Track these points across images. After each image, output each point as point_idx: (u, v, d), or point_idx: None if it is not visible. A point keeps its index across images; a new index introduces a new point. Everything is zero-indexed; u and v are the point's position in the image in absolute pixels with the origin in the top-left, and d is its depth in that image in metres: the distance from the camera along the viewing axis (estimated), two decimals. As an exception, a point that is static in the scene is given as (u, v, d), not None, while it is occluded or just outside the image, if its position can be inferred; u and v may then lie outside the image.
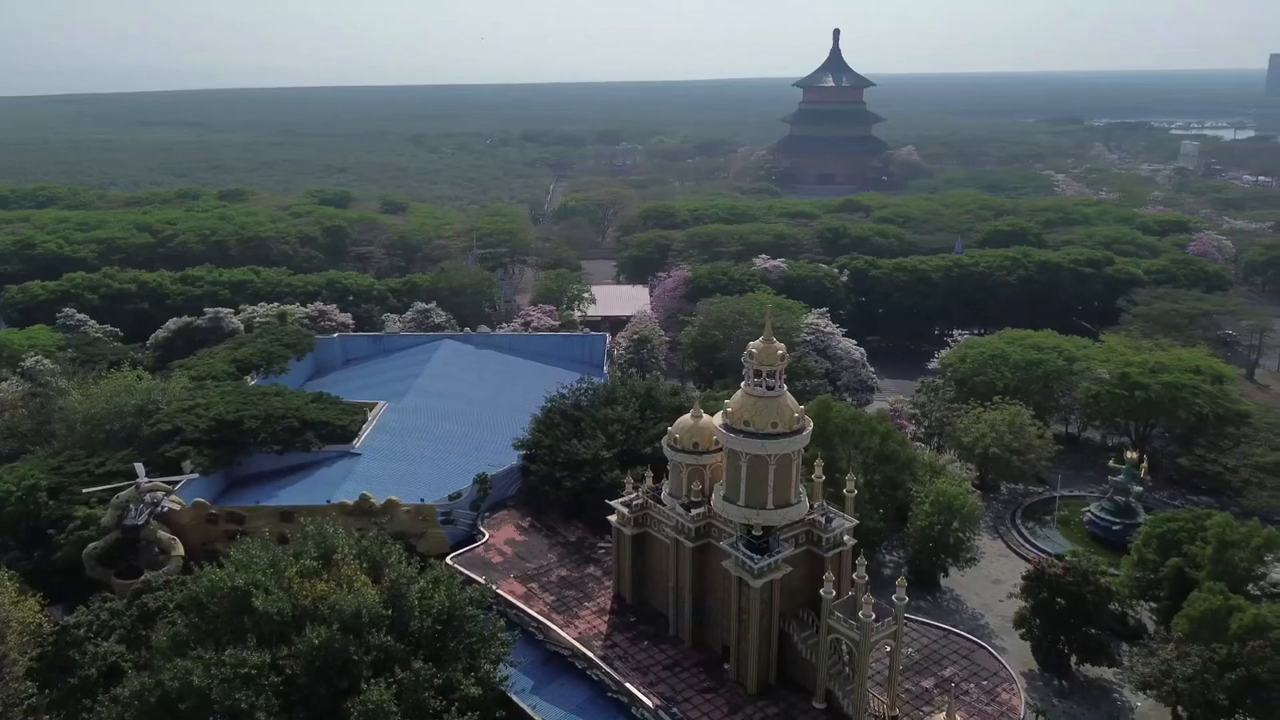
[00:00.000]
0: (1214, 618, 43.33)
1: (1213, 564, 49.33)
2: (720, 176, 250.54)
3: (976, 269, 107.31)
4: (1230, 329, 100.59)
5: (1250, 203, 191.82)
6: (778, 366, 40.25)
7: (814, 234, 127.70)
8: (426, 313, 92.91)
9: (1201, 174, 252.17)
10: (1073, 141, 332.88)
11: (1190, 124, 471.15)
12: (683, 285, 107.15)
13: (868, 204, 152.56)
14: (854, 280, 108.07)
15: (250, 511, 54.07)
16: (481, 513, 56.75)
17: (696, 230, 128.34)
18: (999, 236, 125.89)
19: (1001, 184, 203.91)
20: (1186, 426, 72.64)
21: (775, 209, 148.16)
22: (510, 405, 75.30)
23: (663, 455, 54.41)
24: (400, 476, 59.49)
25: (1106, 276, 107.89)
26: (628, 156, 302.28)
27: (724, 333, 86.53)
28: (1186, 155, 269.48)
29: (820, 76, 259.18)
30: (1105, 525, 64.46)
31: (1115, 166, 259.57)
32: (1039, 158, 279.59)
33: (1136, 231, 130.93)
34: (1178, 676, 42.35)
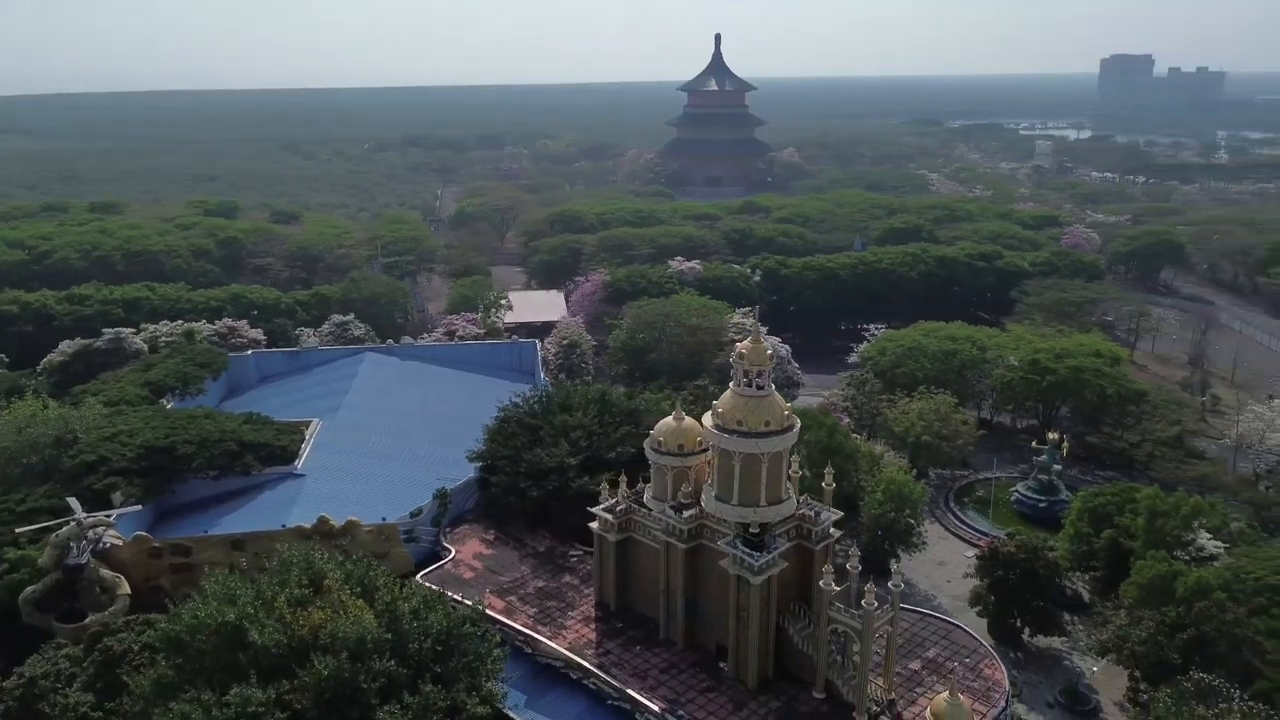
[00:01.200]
0: (1160, 583, 46.84)
1: (1145, 534, 53.25)
2: (610, 180, 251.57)
3: (880, 265, 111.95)
4: (1108, 314, 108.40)
5: (1104, 197, 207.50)
6: (767, 366, 41.08)
7: (721, 235, 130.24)
8: (345, 325, 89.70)
9: (1055, 171, 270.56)
10: (936, 142, 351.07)
11: (1035, 124, 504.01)
12: (601, 289, 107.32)
13: (766, 205, 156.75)
14: (766, 279, 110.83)
15: (197, 542, 51.01)
16: (443, 528, 55.45)
17: (606, 234, 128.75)
18: (894, 234, 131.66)
19: (881, 183, 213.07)
20: (1091, 406, 78.01)
21: (679, 211, 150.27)
22: (448, 417, 73.96)
23: (626, 460, 55.33)
24: (349, 496, 57.40)
25: (998, 269, 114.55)
26: (514, 161, 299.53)
27: (653, 335, 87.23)
28: (1041, 154, 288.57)
29: (704, 80, 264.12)
30: (1032, 504, 68.53)
31: (981, 165, 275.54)
32: (909, 158, 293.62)
33: (1016, 226, 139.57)
34: (1134, 640, 45.59)
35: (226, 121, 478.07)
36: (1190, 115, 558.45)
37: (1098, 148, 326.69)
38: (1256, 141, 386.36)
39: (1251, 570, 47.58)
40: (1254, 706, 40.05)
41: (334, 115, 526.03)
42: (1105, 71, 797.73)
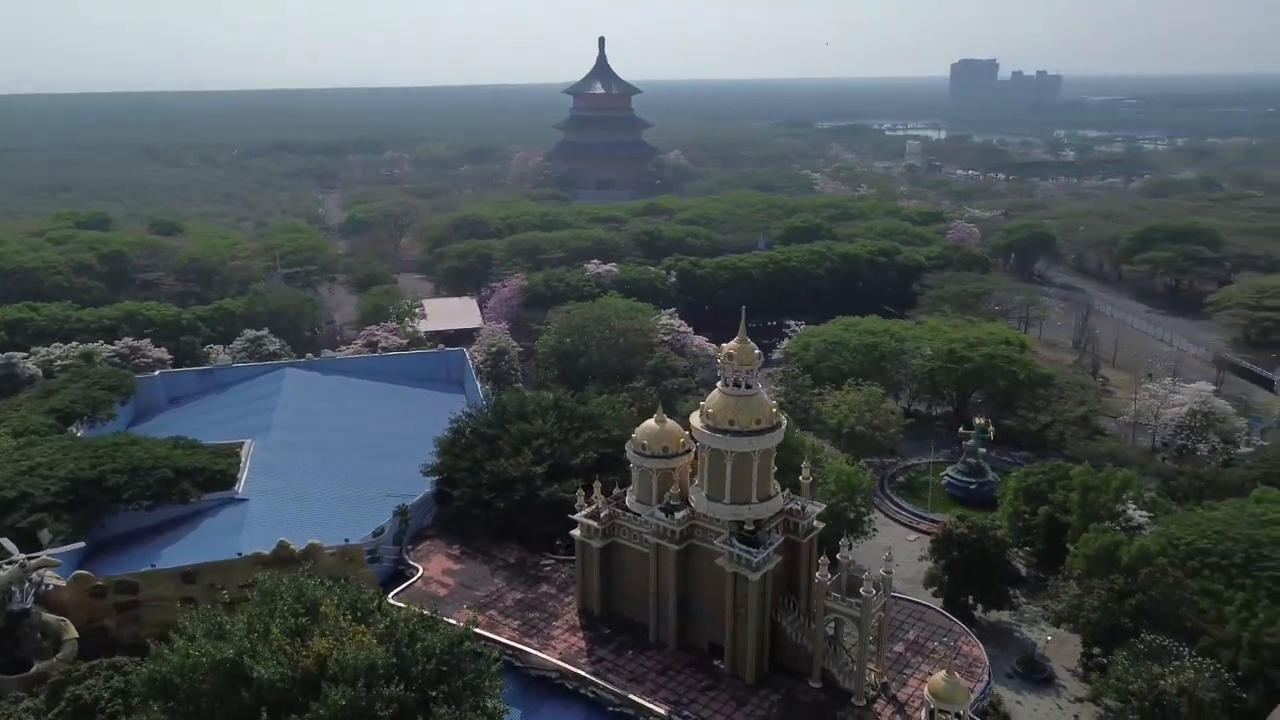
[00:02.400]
0: (1106, 553, 50.23)
1: (1080, 508, 57.03)
2: (499, 183, 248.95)
3: (789, 264, 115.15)
4: (1001, 304, 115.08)
5: (975, 194, 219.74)
6: (754, 366, 41.82)
7: (630, 237, 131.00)
8: (259, 341, 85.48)
9: (925, 170, 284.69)
10: (810, 143, 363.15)
11: (896, 125, 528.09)
12: (519, 294, 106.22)
13: (669, 207, 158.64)
14: (681, 280, 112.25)
15: (144, 578, 47.57)
16: (404, 546, 53.83)
17: (515, 238, 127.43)
18: (796, 233, 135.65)
19: (770, 184, 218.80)
20: (1003, 391, 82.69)
21: (584, 214, 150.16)
22: (385, 431, 71.91)
23: (591, 465, 55.20)
24: (298, 518, 54.97)
25: (897, 264, 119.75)
26: (395, 165, 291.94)
27: (582, 339, 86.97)
28: (911, 154, 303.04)
29: (589, 84, 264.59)
30: (963, 486, 72.12)
31: (858, 165, 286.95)
32: (788, 159, 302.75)
33: (905, 223, 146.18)
34: (1087, 609, 48.74)
35: (75, 127, 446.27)
36: (1032, 116, 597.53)
37: (959, 147, 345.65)
38: (1095, 140, 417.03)
39: (1181, 535, 51.63)
40: (1202, 661, 43.66)
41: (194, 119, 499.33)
42: (955, 75, 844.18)
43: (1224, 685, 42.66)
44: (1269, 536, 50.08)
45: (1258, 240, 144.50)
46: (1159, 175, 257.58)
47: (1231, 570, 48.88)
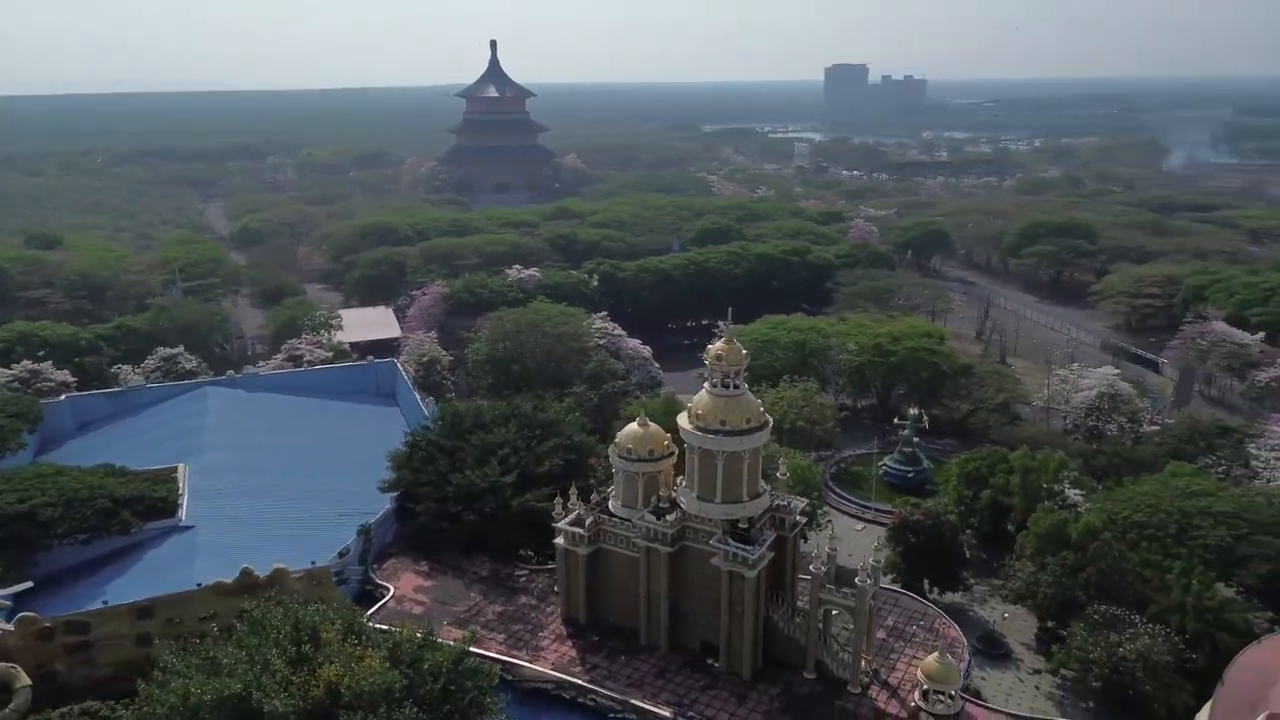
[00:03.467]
0: (1055, 531, 53.14)
1: (1021, 490, 60.15)
2: (393, 189, 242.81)
3: (708, 265, 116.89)
4: (911, 299, 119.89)
5: (865, 194, 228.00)
6: (742, 366, 42.46)
7: (546, 241, 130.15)
8: (173, 359, 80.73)
9: (814, 171, 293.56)
10: (700, 146, 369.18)
11: (777, 128, 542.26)
12: (440, 302, 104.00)
13: (580, 210, 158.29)
14: (603, 283, 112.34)
15: (96, 616, 44.44)
16: (369, 565, 52.10)
17: (429, 245, 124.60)
18: (708, 234, 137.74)
19: (669, 186, 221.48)
20: (927, 382, 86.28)
21: (495, 219, 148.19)
22: (325, 448, 69.41)
23: (558, 473, 54.82)
24: (250, 544, 52.39)
25: (809, 263, 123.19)
26: (279, 171, 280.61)
27: (516, 345, 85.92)
28: (800, 156, 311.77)
29: (482, 87, 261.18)
30: (900, 475, 74.85)
31: (751, 167, 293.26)
32: (682, 161, 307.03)
33: (809, 223, 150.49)
34: (1043, 585, 51.47)
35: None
36: (901, 118, 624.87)
37: (842, 149, 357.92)
38: (962, 140, 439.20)
39: (1119, 511, 55.17)
40: (1153, 628, 46.81)
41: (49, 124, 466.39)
42: (829, 79, 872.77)
43: (1175, 648, 45.81)
44: (1196, 508, 53.98)
45: (1128, 233, 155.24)
46: (1028, 174, 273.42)
47: (1167, 541, 52.50)
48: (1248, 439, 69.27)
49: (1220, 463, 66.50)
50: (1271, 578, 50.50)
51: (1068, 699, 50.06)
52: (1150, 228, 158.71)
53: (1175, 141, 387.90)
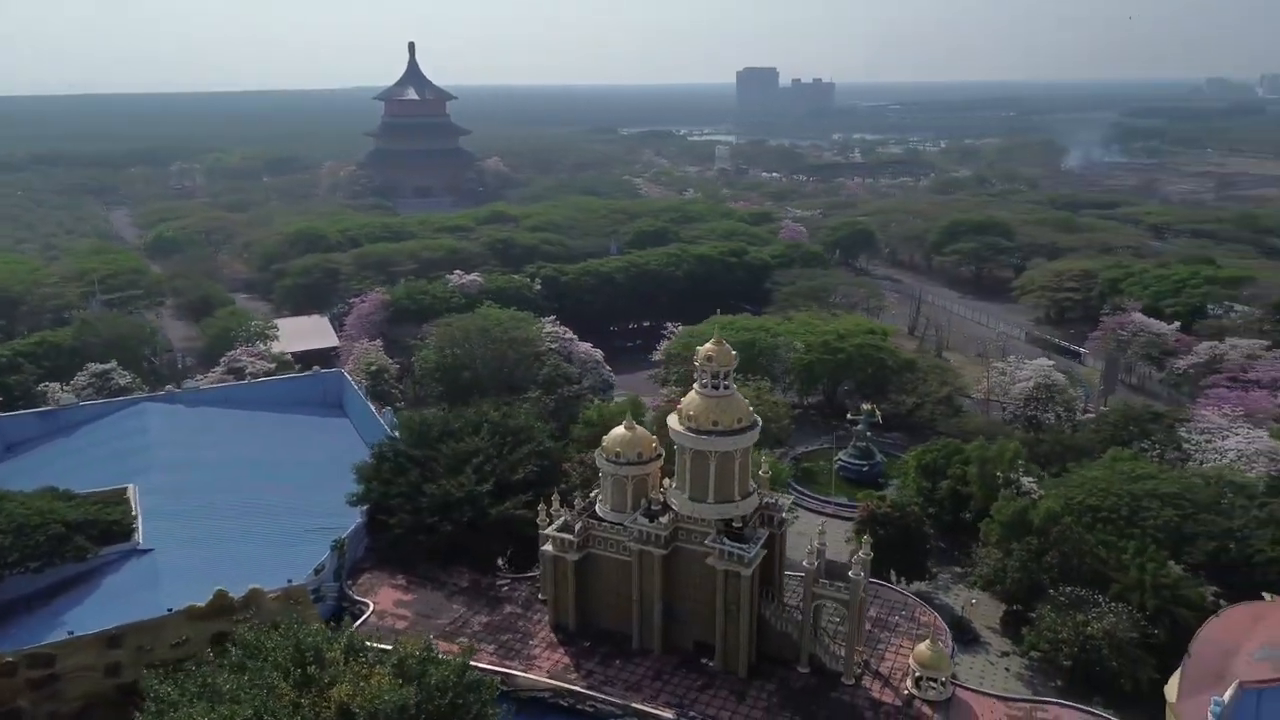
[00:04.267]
0: (1018, 518, 55.24)
1: (979, 479, 62.28)
2: (311, 194, 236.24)
3: (649, 267, 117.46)
4: (843, 298, 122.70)
5: (788, 195, 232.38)
6: (732, 366, 42.87)
7: (483, 246, 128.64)
8: (107, 375, 76.91)
9: (735, 173, 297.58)
10: (622, 148, 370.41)
11: (693, 130, 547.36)
12: (380, 309, 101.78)
13: (514, 214, 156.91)
14: (546, 287, 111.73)
15: (61, 648, 42.06)
16: (344, 581, 50.68)
17: (363, 251, 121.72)
18: (644, 236, 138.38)
19: (596, 189, 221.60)
20: (873, 378, 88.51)
21: (428, 224, 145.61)
22: (280, 463, 67.23)
23: (534, 480, 54.39)
24: (215, 565, 50.38)
25: (747, 264, 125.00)
26: (186, 177, 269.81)
27: (466, 352, 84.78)
28: (721, 158, 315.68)
29: (401, 89, 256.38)
30: (855, 469, 76.62)
31: (675, 169, 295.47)
32: (604, 164, 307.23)
33: (742, 224, 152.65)
34: (1010, 570, 53.43)
35: None
36: (812, 120, 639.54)
37: (760, 151, 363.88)
38: (872, 142, 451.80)
39: (1073, 495, 57.63)
40: (1116, 606, 49.11)
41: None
42: (741, 82, 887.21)
43: (1137, 625, 48.16)
44: (1143, 490, 56.73)
45: (1041, 230, 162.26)
46: (940, 174, 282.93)
47: (1120, 523, 55.00)
48: (1177, 423, 73.18)
49: (1155, 447, 70.02)
50: (1217, 554, 53.48)
51: (1037, 678, 52.10)
52: (1061, 225, 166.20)
53: (1070, 142, 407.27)
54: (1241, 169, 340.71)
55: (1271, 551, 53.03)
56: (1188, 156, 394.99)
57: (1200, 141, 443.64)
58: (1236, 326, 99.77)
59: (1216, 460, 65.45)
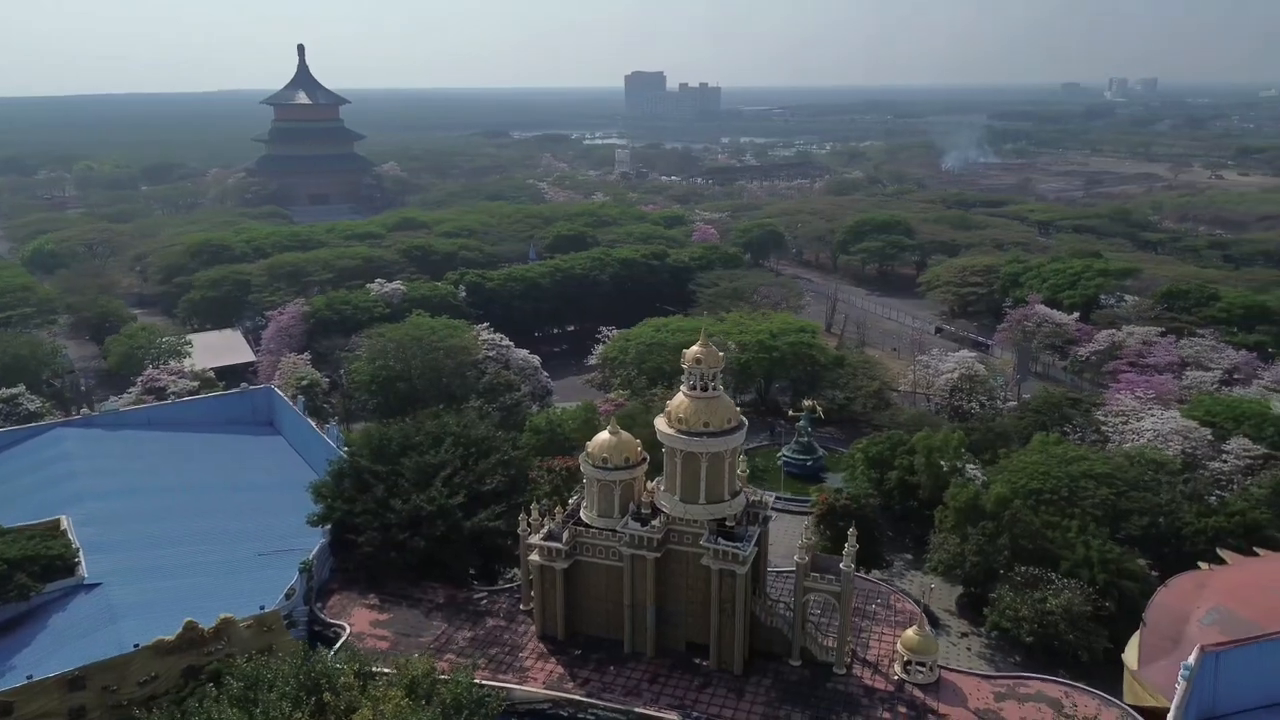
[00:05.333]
0: (971, 503, 57.73)
1: (926, 468, 64.77)
2: (197, 203, 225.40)
3: (574, 271, 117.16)
4: (764, 298, 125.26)
5: (691, 198, 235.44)
6: (719, 368, 43.36)
7: (399, 253, 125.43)
8: (14, 400, 71.55)
9: (636, 176, 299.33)
10: (519, 153, 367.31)
11: (585, 134, 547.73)
12: (301, 321, 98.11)
13: (425, 220, 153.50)
14: (471, 293, 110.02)
15: (19, 693, 39.03)
16: (313, 604, 48.77)
17: (274, 262, 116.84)
18: (563, 241, 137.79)
19: (500, 194, 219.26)
20: (806, 375, 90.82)
21: (337, 232, 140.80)
22: (218, 485, 64.18)
23: (503, 489, 53.66)
24: (173, 595, 47.77)
25: (669, 266, 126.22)
26: (55, 186, 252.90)
27: (402, 362, 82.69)
28: (621, 162, 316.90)
29: (291, 93, 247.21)
30: (799, 464, 78.40)
31: (578, 173, 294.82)
32: (504, 168, 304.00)
33: (658, 226, 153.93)
34: (969, 554, 55.79)
35: None
36: (699, 123, 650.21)
37: (658, 154, 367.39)
38: (764, 145, 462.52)
39: (1017, 480, 60.63)
40: (1069, 582, 51.96)
41: None
42: (629, 86, 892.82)
43: (1090, 599, 51.10)
44: (1079, 471, 60.24)
45: (938, 228, 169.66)
46: (835, 176, 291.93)
47: (1061, 503, 58.16)
48: (1094, 408, 77.96)
49: (1076, 430, 74.39)
50: (1149, 528, 57.29)
51: (997, 655, 54.67)
52: (956, 223, 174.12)
53: (946, 144, 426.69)
54: (1103, 167, 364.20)
55: (1198, 524, 57.13)
56: (1052, 156, 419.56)
57: (1062, 142, 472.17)
58: (1130, 315, 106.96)
59: (1135, 441, 70.01)
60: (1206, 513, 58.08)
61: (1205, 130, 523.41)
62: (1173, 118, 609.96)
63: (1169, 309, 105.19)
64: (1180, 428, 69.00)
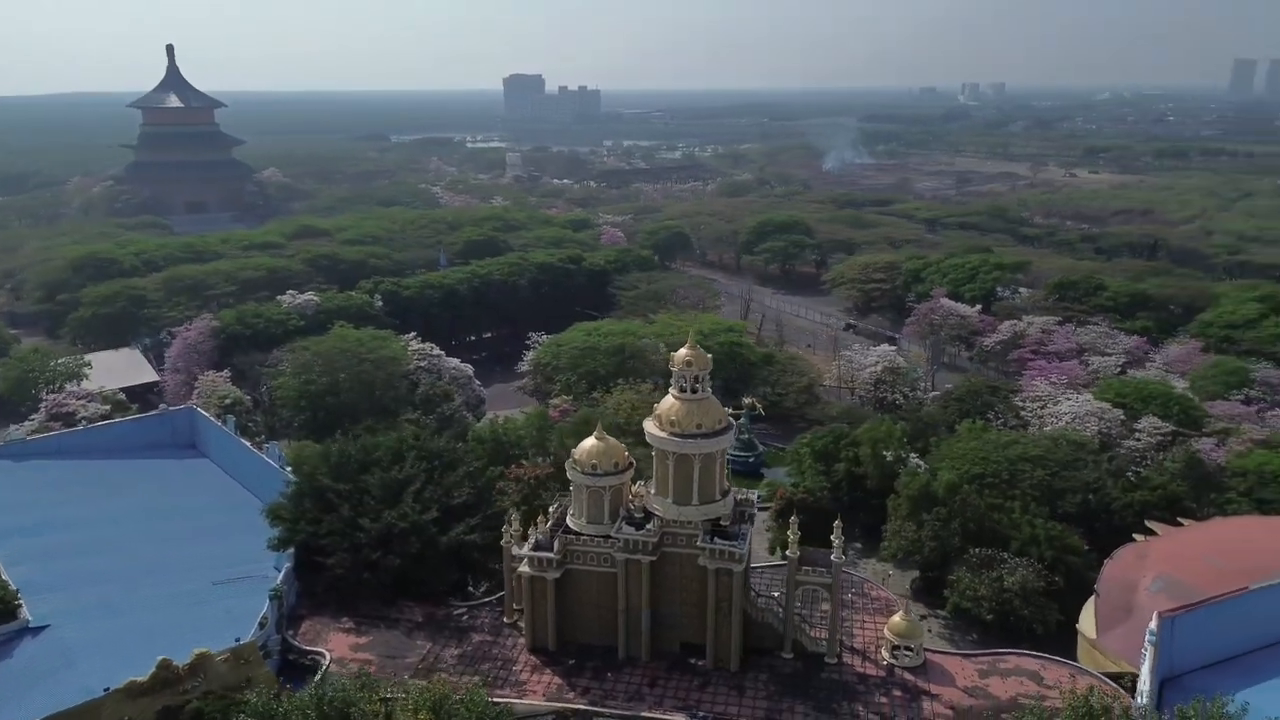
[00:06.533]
0: (923, 492, 60.14)
1: (872, 459, 67.05)
2: (62, 214, 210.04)
3: (492, 277, 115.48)
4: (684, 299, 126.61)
5: (590, 201, 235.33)
6: (708, 370, 43.81)
7: (305, 263, 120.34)
8: (-97, 432, 65.02)
9: (528, 180, 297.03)
10: (404, 157, 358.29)
11: (466, 137, 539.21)
12: (210, 337, 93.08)
13: (326, 228, 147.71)
14: (387, 302, 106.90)
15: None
16: (284, 632, 46.56)
17: (171, 275, 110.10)
18: (473, 246, 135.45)
19: (393, 199, 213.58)
20: (739, 373, 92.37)
21: (232, 242, 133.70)
22: (151, 513, 60.93)
23: (471, 502, 52.61)
24: (127, 635, 45.29)
25: (585, 270, 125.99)
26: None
27: (330, 376, 79.64)
28: (512, 165, 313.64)
29: (161, 96, 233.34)
30: (741, 460, 79.61)
31: (471, 177, 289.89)
32: (388, 173, 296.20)
33: (566, 230, 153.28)
34: (925, 540, 58.10)
35: None
36: (580, 126, 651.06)
37: (547, 157, 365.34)
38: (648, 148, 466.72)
39: (960, 467, 63.55)
40: (1021, 560, 54.88)
41: None
42: (508, 89, 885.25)
43: (1041, 574, 54.11)
44: (1016, 455, 63.63)
45: (835, 227, 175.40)
46: (725, 178, 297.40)
47: (1003, 486, 61.43)
48: (1012, 394, 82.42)
49: (998, 416, 78.47)
50: (1082, 505, 61.05)
51: (956, 633, 57.08)
52: (851, 222, 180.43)
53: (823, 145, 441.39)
54: (968, 167, 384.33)
55: (1124, 499, 61.24)
56: (922, 157, 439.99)
57: (928, 144, 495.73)
58: (1026, 306, 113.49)
59: (1054, 424, 74.41)
60: (1131, 488, 62.33)
61: (1054, 131, 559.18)
62: (1023, 120, 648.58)
63: (1061, 299, 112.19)
64: (1095, 409, 73.71)
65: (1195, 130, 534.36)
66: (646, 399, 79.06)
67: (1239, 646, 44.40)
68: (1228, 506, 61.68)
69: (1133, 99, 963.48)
